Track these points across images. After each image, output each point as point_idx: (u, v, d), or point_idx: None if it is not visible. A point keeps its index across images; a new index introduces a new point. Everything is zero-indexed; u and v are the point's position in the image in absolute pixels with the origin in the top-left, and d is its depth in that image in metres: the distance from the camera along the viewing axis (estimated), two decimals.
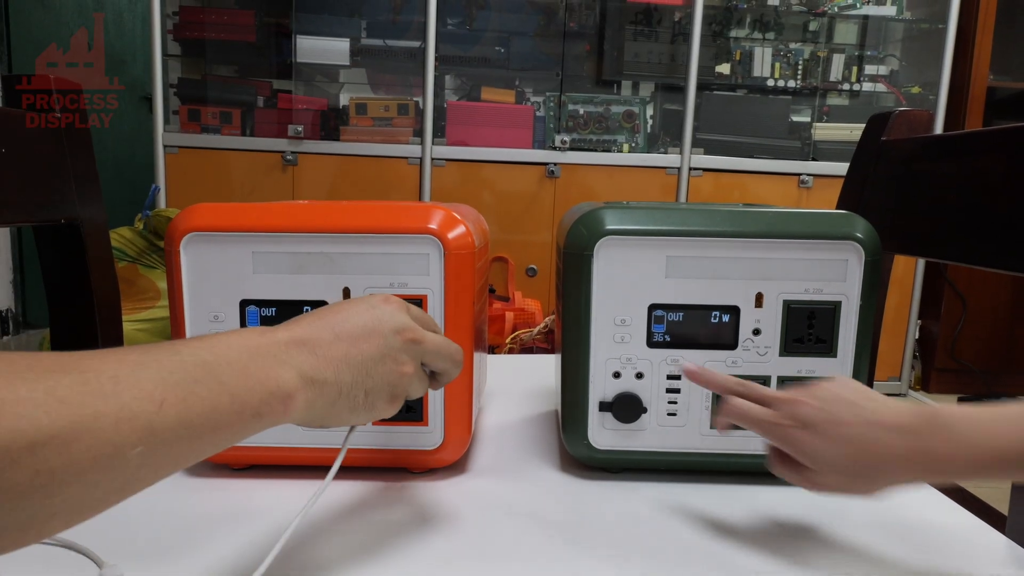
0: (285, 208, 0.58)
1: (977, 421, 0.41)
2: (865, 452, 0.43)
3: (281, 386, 0.37)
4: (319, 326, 0.41)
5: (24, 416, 0.26)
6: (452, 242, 0.56)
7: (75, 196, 0.73)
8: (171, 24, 2.43)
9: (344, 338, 0.41)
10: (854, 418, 0.44)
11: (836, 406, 0.45)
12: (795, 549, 0.50)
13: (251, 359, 0.36)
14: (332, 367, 0.40)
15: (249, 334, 0.38)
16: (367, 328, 0.42)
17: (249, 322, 0.57)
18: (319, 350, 0.40)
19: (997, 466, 0.41)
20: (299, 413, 0.38)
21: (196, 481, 0.59)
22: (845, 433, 0.44)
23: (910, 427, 0.43)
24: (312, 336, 0.40)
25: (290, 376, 0.37)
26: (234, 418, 0.35)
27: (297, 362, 0.38)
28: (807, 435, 0.45)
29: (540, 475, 0.62)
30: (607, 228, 0.57)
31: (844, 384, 0.47)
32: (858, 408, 0.44)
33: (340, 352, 0.40)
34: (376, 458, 0.59)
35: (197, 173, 2.41)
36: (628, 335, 0.58)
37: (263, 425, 0.37)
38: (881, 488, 0.45)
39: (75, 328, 0.74)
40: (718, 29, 2.67)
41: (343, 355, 0.40)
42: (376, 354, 0.42)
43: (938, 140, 0.72)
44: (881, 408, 0.44)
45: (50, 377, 0.28)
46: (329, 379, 0.40)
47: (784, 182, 2.54)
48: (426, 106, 2.44)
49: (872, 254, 0.56)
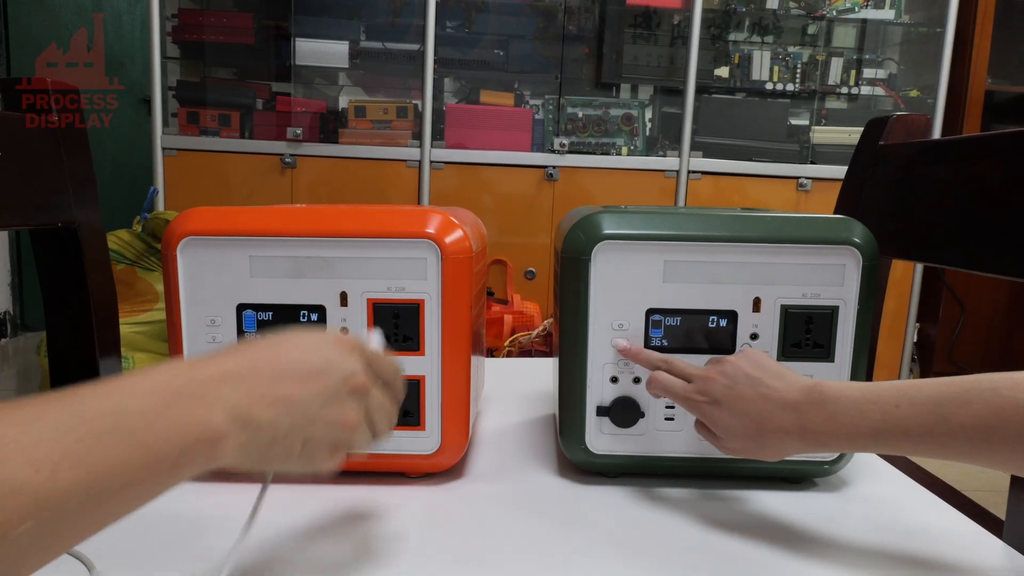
0: (282, 212, 0.57)
1: (851, 400, 0.45)
2: (760, 425, 0.48)
3: (207, 431, 0.33)
4: (260, 359, 0.37)
5: None
6: (449, 246, 0.56)
7: (72, 199, 0.73)
8: (170, 26, 2.43)
9: (287, 376, 0.37)
10: (753, 393, 0.49)
11: (740, 382, 0.50)
12: (792, 553, 0.50)
13: (170, 403, 0.32)
14: (269, 408, 0.35)
15: (172, 371, 0.33)
16: (315, 368, 0.38)
17: (246, 326, 0.57)
18: (257, 386, 0.35)
19: (871, 442, 0.44)
20: (230, 458, 0.34)
21: (189, 485, 0.58)
22: (744, 408, 0.49)
23: (795, 403, 0.47)
24: (249, 369, 0.36)
25: (218, 418, 0.33)
26: (148, 473, 0.30)
27: (228, 400, 0.34)
28: (715, 409, 0.50)
29: (537, 479, 0.62)
30: (605, 232, 0.57)
31: (751, 359, 0.51)
32: (758, 384, 0.49)
33: (281, 392, 0.36)
34: (372, 463, 0.59)
35: (196, 176, 2.40)
36: (626, 339, 0.58)
37: (186, 475, 0.33)
38: (778, 455, 0.49)
39: (72, 331, 0.74)
40: (717, 32, 2.67)
41: (284, 396, 0.36)
42: (321, 399, 0.38)
43: (936, 145, 0.72)
44: (777, 384, 0.49)
45: None
46: (264, 422, 0.35)
47: (783, 185, 2.54)
48: (425, 109, 2.44)
49: (870, 259, 0.56)
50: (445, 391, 0.58)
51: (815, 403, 0.46)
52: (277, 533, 0.51)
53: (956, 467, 1.55)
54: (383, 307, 0.57)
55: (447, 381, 0.58)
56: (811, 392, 0.47)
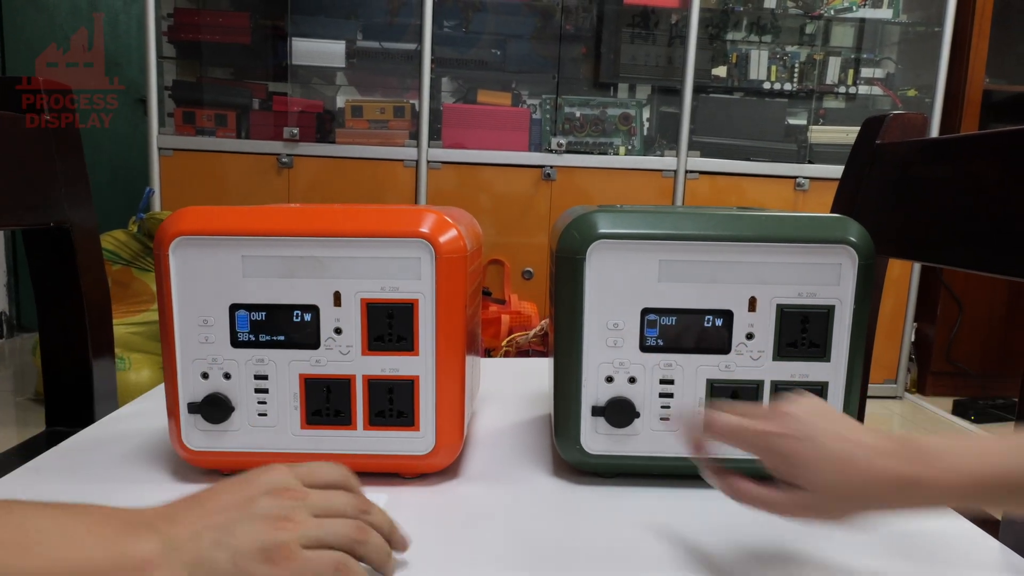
0: (275, 211, 0.57)
1: (953, 447, 0.41)
2: (854, 469, 0.41)
3: (135, 555, 0.35)
4: (186, 501, 0.39)
5: None
6: (444, 246, 0.56)
7: (65, 199, 0.73)
8: (166, 26, 2.43)
9: (211, 508, 0.39)
10: (839, 432, 0.42)
11: (822, 420, 0.43)
12: (789, 554, 0.50)
13: (102, 529, 0.35)
14: (190, 531, 0.37)
15: (102, 508, 0.37)
16: (237, 498, 0.40)
17: (239, 326, 0.57)
18: (180, 518, 0.38)
19: (978, 491, 0.40)
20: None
21: (185, 487, 0.58)
22: (832, 448, 0.42)
23: (894, 451, 0.41)
24: (176, 510, 0.39)
25: (150, 545, 0.36)
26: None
27: (158, 528, 0.37)
28: (798, 444, 0.42)
29: (532, 480, 0.62)
30: (600, 232, 0.56)
31: (820, 403, 0.46)
32: (842, 425, 0.43)
33: (203, 521, 0.38)
34: (366, 463, 0.59)
35: (192, 176, 2.40)
36: (621, 339, 0.58)
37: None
38: (854, 512, 0.43)
39: (65, 332, 0.73)
40: (714, 32, 2.67)
41: (206, 524, 0.38)
42: (243, 517, 0.38)
43: (932, 144, 0.72)
44: (862, 429, 0.43)
45: None
46: (187, 545, 0.37)
47: (780, 185, 2.54)
48: (422, 108, 2.44)
49: (866, 258, 0.56)
50: (439, 391, 0.57)
51: (913, 450, 0.41)
52: None
53: None
54: (377, 307, 0.56)
55: (441, 381, 0.57)
56: (905, 440, 0.42)
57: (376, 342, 0.57)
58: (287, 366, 0.57)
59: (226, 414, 0.57)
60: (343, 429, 0.58)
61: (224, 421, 0.58)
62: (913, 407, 2.70)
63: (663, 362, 0.58)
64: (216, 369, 0.57)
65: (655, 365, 0.58)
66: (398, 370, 0.57)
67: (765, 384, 0.58)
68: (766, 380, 0.58)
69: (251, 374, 0.57)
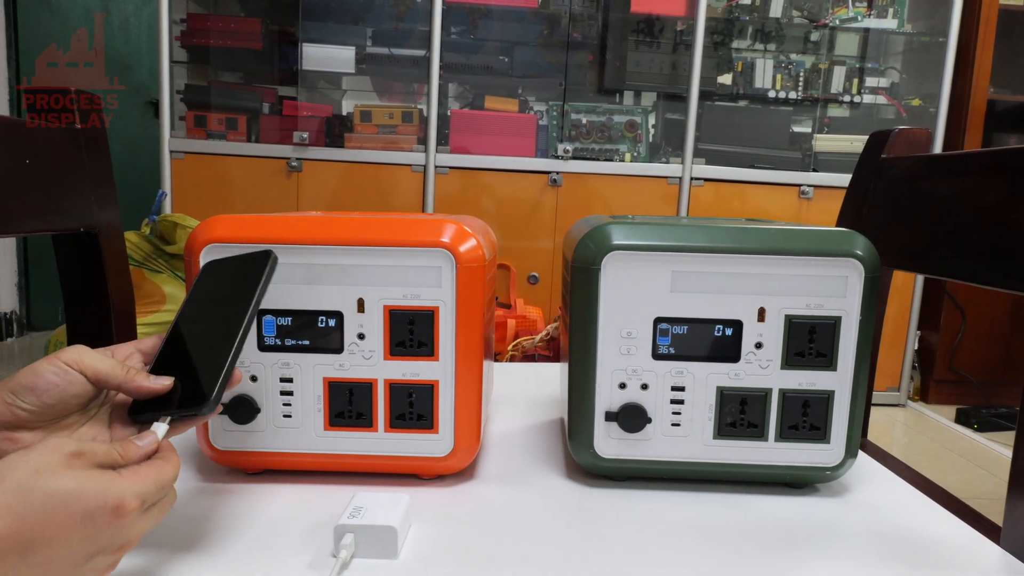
0: (301, 220, 0.59)
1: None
2: None
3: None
4: (4, 547, 0.35)
5: None
6: (464, 255, 0.58)
7: (94, 202, 0.75)
8: (178, 31, 2.46)
9: (35, 562, 0.36)
10: None
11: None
12: (793, 557, 0.52)
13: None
14: None
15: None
16: (74, 547, 0.37)
17: (266, 331, 0.59)
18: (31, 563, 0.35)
19: None
20: None
21: (210, 485, 0.60)
22: None
23: None
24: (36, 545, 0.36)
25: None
26: None
27: None
28: None
29: (546, 482, 0.63)
30: (614, 243, 0.58)
31: None
32: None
33: (23, 572, 0.35)
34: (386, 464, 0.61)
35: (202, 179, 2.43)
36: (634, 347, 0.60)
37: None
38: None
39: (92, 334, 0.75)
40: (720, 40, 2.69)
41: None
42: (72, 573, 0.37)
43: (938, 159, 0.74)
44: None
45: None
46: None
47: (785, 193, 2.56)
48: (430, 114, 2.46)
49: (872, 271, 0.58)
50: (458, 396, 0.59)
51: None
52: (287, 530, 0.52)
53: (955, 475, 1.58)
54: (399, 313, 0.58)
55: (460, 386, 0.59)
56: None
57: (398, 347, 0.59)
58: (312, 370, 0.59)
59: (252, 415, 0.60)
60: (364, 431, 0.60)
61: (250, 422, 0.60)
62: (916, 415, 2.71)
63: (674, 370, 0.60)
64: (243, 372, 0.59)
65: (667, 372, 0.60)
66: (418, 375, 0.59)
67: (773, 392, 0.60)
68: (774, 388, 0.60)
69: (277, 377, 0.59)
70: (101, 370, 0.45)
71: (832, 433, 0.60)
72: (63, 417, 0.46)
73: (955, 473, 2.08)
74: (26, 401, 0.44)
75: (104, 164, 0.78)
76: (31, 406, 0.44)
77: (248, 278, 0.51)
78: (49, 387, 0.44)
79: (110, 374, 0.46)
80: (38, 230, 0.69)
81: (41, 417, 0.44)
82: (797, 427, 0.60)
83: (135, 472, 0.41)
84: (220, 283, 0.54)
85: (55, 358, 0.45)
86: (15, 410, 0.43)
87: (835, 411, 0.60)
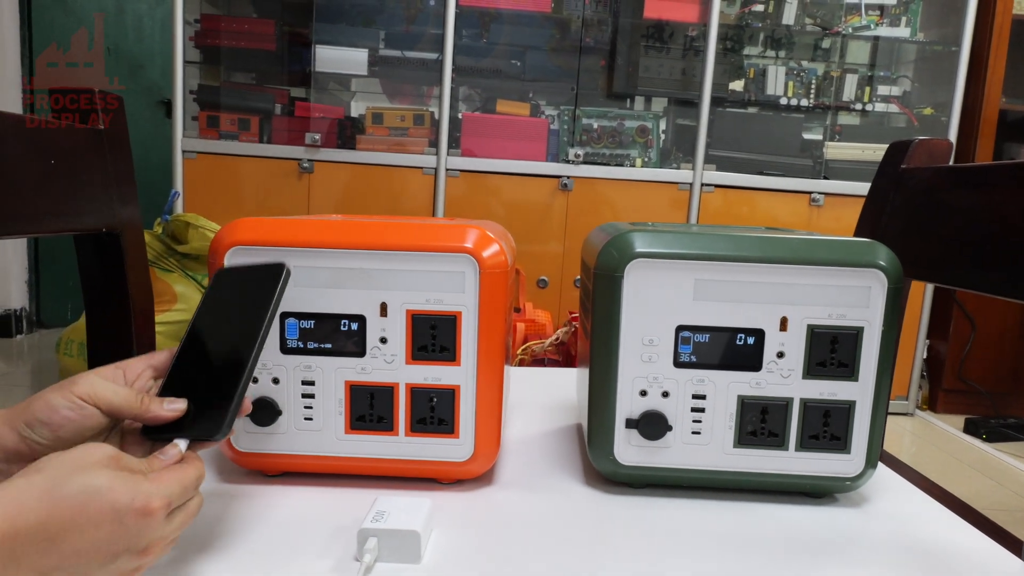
0: (325, 224, 0.59)
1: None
2: None
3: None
4: (29, 536, 0.36)
5: None
6: (487, 260, 0.58)
7: (116, 202, 0.75)
8: (192, 31, 2.47)
9: (64, 552, 0.37)
10: None
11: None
12: (813, 568, 0.52)
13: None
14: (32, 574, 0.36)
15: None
16: (100, 533, 0.38)
17: (288, 334, 0.59)
18: (24, 560, 0.36)
19: None
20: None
21: (230, 487, 0.60)
22: None
23: None
24: (20, 546, 0.36)
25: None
26: None
27: (36, 564, 0.36)
28: None
29: (565, 488, 0.64)
30: (637, 251, 0.58)
31: None
32: None
33: (51, 562, 0.37)
34: (406, 468, 0.61)
35: (214, 179, 2.44)
36: (655, 355, 0.60)
37: None
38: None
39: (112, 334, 0.76)
40: (731, 46, 2.69)
41: (54, 564, 0.37)
42: (97, 566, 0.38)
43: (959, 170, 0.74)
44: None
45: None
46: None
47: (795, 200, 2.55)
48: (442, 117, 2.47)
49: (895, 282, 0.58)
50: (479, 400, 0.60)
51: None
52: (309, 533, 0.52)
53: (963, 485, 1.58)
54: (421, 318, 0.59)
55: (481, 391, 0.60)
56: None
57: (420, 352, 0.59)
58: (333, 373, 0.60)
59: (273, 417, 0.60)
60: (385, 435, 0.60)
61: (271, 424, 0.60)
62: (924, 424, 2.70)
63: (696, 378, 0.60)
64: (265, 374, 0.59)
65: (688, 380, 0.60)
66: (440, 379, 0.59)
67: (794, 402, 0.60)
68: (795, 398, 0.60)
69: (299, 380, 0.60)
70: (115, 403, 0.46)
71: (853, 443, 0.60)
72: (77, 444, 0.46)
73: (964, 483, 2.07)
74: (42, 436, 0.44)
75: (126, 165, 0.79)
76: (47, 440, 0.44)
77: (262, 290, 0.51)
78: (65, 423, 0.45)
79: (124, 406, 0.46)
80: (61, 230, 0.69)
81: (56, 448, 0.45)
82: (818, 437, 0.60)
83: (160, 475, 0.42)
84: (233, 293, 0.54)
85: (68, 391, 0.45)
86: (31, 443, 0.44)
87: (856, 421, 0.60)
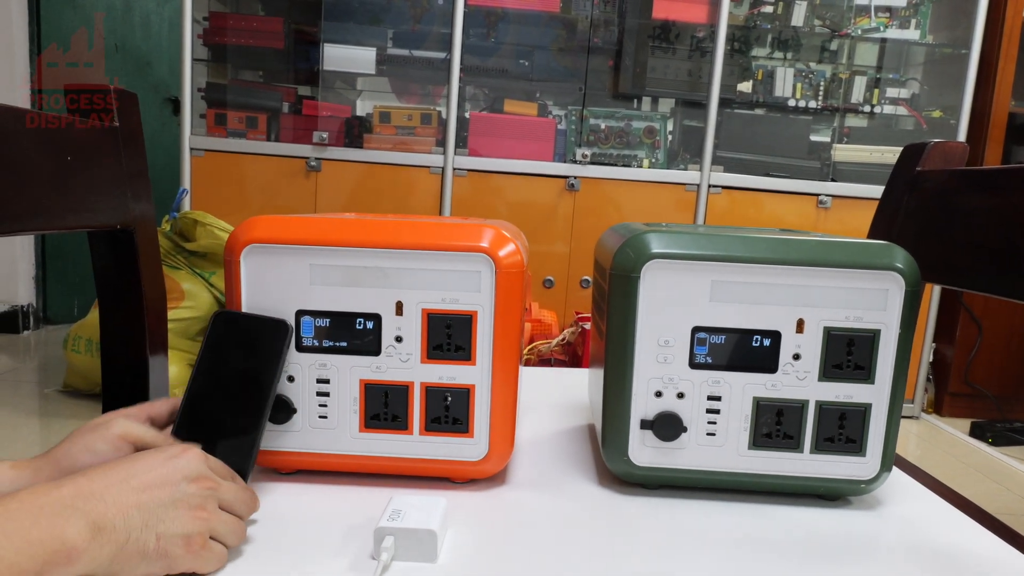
0: (340, 222, 0.59)
1: None
2: None
3: (65, 542, 0.38)
4: (110, 477, 0.42)
5: None
6: (503, 260, 0.58)
7: (130, 200, 0.76)
8: (200, 29, 2.47)
9: (136, 487, 0.42)
10: None
11: None
12: (828, 570, 0.52)
13: (35, 520, 0.37)
14: (121, 513, 0.41)
15: (35, 494, 0.39)
16: (160, 477, 0.44)
17: (304, 331, 0.59)
18: (108, 497, 0.41)
19: None
20: (86, 563, 0.39)
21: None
22: None
23: None
24: (100, 487, 0.41)
25: (77, 529, 0.38)
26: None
27: (86, 511, 0.39)
28: None
29: (579, 489, 0.63)
30: (654, 252, 0.58)
31: None
32: None
33: (131, 500, 0.42)
34: (420, 467, 0.61)
35: (222, 176, 2.44)
36: (671, 356, 0.60)
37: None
38: None
39: (125, 331, 0.76)
40: (739, 47, 2.69)
41: (134, 502, 0.42)
42: (168, 500, 0.43)
43: (975, 173, 0.74)
44: None
45: None
46: (118, 525, 0.40)
47: (803, 201, 2.55)
48: (450, 116, 2.47)
49: (912, 285, 0.58)
50: (494, 400, 0.60)
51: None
52: (324, 531, 0.52)
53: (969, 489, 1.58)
54: (437, 317, 0.59)
55: (496, 390, 0.60)
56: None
57: (435, 351, 0.59)
58: (348, 371, 0.60)
59: (288, 415, 0.60)
60: (399, 433, 0.60)
61: (286, 422, 0.60)
62: (930, 428, 2.69)
63: (711, 379, 0.60)
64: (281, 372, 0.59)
65: (703, 382, 0.60)
66: (455, 379, 0.59)
67: (810, 404, 0.60)
68: (811, 400, 0.60)
69: (314, 378, 0.60)
70: (148, 442, 0.52)
71: (868, 446, 0.60)
72: None
73: (970, 487, 2.07)
74: None
75: (140, 162, 0.79)
76: None
77: (266, 346, 0.56)
78: (102, 462, 0.47)
79: (154, 444, 0.52)
80: (77, 227, 0.69)
81: None
82: (833, 439, 0.60)
83: None
84: (234, 344, 0.57)
85: (106, 433, 0.51)
86: None
87: (872, 424, 0.60)
